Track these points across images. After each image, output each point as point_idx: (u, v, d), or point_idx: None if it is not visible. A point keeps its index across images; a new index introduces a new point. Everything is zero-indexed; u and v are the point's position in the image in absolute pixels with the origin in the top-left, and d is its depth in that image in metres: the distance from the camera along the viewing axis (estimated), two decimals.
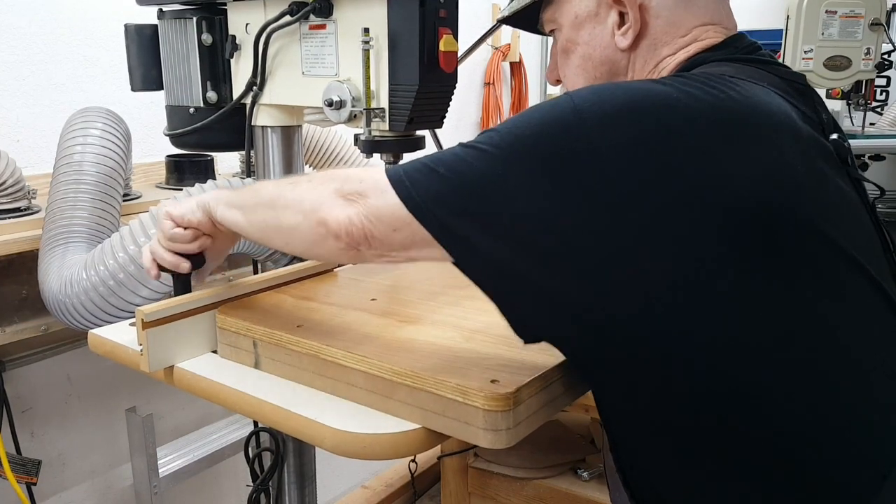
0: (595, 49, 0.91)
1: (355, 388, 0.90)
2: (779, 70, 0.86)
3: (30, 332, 1.55)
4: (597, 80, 0.93)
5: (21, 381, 1.74)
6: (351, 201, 0.79)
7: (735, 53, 0.86)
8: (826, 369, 0.74)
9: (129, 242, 1.27)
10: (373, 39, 1.11)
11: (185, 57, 1.34)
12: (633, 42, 0.88)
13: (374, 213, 0.77)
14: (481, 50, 2.89)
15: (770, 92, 0.79)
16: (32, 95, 1.78)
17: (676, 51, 0.88)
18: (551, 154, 0.70)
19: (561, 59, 0.97)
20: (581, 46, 0.93)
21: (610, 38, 0.90)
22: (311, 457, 1.40)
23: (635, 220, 0.68)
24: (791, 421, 0.73)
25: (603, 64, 0.91)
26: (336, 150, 2.08)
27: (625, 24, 0.88)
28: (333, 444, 0.84)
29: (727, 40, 0.88)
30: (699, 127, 0.70)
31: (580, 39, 0.92)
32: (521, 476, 1.44)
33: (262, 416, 0.93)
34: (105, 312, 1.31)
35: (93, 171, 1.44)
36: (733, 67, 0.82)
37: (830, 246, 0.75)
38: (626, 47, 0.89)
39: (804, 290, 0.73)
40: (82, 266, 1.30)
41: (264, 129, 1.34)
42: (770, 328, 0.71)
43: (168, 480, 1.76)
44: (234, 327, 1.02)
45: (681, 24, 0.88)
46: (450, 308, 1.08)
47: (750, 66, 0.84)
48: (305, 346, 0.94)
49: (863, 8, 2.51)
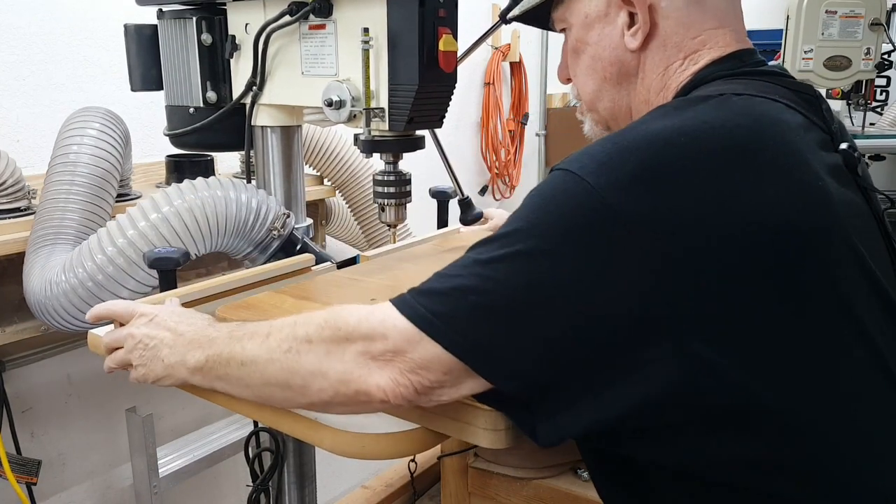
0: (605, 50, 0.91)
1: None
2: (787, 81, 0.85)
3: (30, 332, 1.55)
4: (606, 81, 0.92)
5: (21, 381, 1.74)
6: (386, 362, 0.72)
7: (741, 67, 0.86)
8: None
9: (107, 244, 1.27)
10: (372, 39, 1.11)
11: (184, 57, 1.34)
12: (642, 43, 0.88)
13: (418, 366, 0.71)
14: (481, 50, 2.88)
15: (782, 107, 0.78)
16: (32, 95, 1.78)
17: (688, 55, 0.87)
18: (589, 244, 0.68)
19: (571, 59, 0.96)
20: (591, 47, 0.92)
21: (619, 38, 0.89)
22: (311, 457, 1.40)
23: (693, 280, 0.67)
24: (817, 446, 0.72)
25: (612, 64, 0.91)
26: (336, 150, 2.08)
27: (634, 24, 0.88)
28: (333, 444, 0.84)
29: (735, 53, 0.87)
30: (710, 164, 0.70)
31: (590, 39, 0.92)
32: (521, 476, 1.44)
33: (262, 416, 0.93)
34: (85, 314, 1.31)
35: (87, 172, 1.43)
36: (741, 83, 0.81)
37: (855, 259, 0.74)
38: (636, 48, 0.88)
39: (837, 321, 0.72)
40: (62, 268, 1.30)
41: (264, 129, 1.34)
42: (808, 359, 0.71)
43: (168, 480, 1.76)
44: None
45: (691, 26, 0.87)
46: None
47: (758, 79, 0.83)
48: None
49: (863, 8, 2.51)
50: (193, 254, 1.27)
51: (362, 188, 2.15)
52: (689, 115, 0.75)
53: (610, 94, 0.93)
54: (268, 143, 1.35)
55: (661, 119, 0.75)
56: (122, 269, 1.26)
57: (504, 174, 3.47)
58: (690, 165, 0.70)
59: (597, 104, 0.95)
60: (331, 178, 2.13)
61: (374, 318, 0.74)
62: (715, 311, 0.67)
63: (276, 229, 1.31)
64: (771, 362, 0.69)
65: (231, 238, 1.29)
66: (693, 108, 0.76)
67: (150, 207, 1.25)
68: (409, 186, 1.24)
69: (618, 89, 0.92)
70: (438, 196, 1.58)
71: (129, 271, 1.26)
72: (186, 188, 1.27)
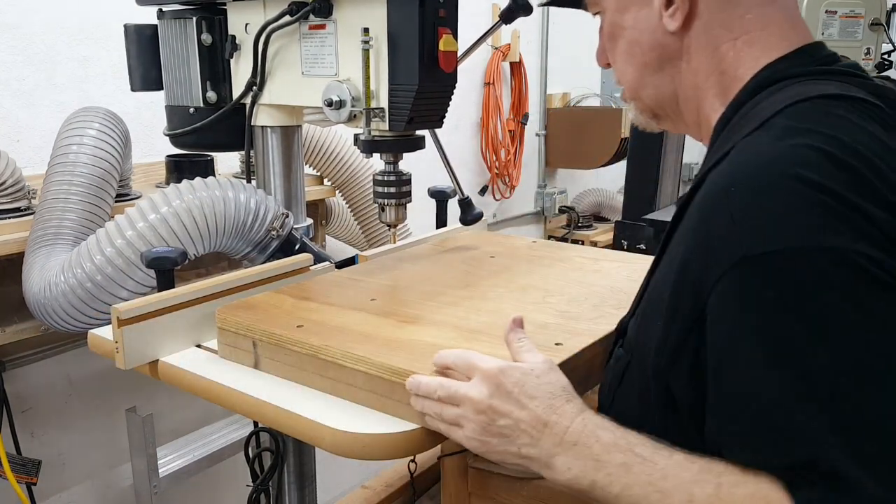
0: (642, 34, 0.84)
1: (355, 388, 0.90)
2: (866, 84, 0.77)
3: (30, 332, 1.55)
4: (647, 67, 0.86)
5: (21, 381, 1.74)
6: None
7: (812, 65, 0.79)
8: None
9: (105, 245, 1.27)
10: (372, 39, 1.10)
11: (184, 57, 1.34)
12: (683, 24, 0.81)
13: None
14: (481, 50, 2.89)
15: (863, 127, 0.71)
16: (32, 95, 1.78)
17: (739, 35, 0.80)
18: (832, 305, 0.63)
19: (608, 44, 0.90)
20: (627, 31, 0.86)
21: (657, 20, 0.82)
22: (311, 457, 1.40)
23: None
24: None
25: (653, 49, 0.84)
26: (336, 150, 2.08)
27: (672, 4, 0.81)
28: (333, 444, 0.84)
29: (804, 48, 0.80)
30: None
31: (625, 23, 0.86)
32: (521, 476, 1.44)
33: (262, 416, 0.93)
34: (84, 314, 1.31)
35: (86, 172, 1.44)
36: (831, 84, 0.75)
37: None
38: (676, 30, 0.81)
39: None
40: (60, 269, 1.30)
41: (264, 129, 1.34)
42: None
43: (168, 480, 1.76)
44: (234, 327, 1.02)
45: (738, 3, 0.80)
46: (450, 308, 1.08)
47: (834, 79, 0.77)
48: (305, 347, 0.94)
49: (863, 8, 2.51)
50: (192, 254, 1.27)
51: (362, 188, 2.15)
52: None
53: (653, 80, 0.87)
54: (268, 143, 1.35)
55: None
56: (121, 269, 1.26)
57: (504, 174, 3.47)
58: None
59: (640, 92, 0.89)
60: (331, 178, 2.13)
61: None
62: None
63: (275, 229, 1.31)
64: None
65: (230, 238, 1.29)
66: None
67: (149, 208, 1.25)
68: (409, 186, 1.24)
69: (660, 75, 0.86)
70: (437, 196, 1.58)
71: (128, 272, 1.26)
72: (185, 189, 1.27)
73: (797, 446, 0.63)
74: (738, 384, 0.66)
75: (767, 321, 0.64)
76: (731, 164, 0.71)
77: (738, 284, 0.65)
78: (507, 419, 0.76)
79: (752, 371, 0.65)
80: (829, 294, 0.63)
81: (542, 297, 1.14)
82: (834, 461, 0.61)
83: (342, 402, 0.90)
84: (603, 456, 0.72)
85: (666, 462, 0.70)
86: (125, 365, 1.01)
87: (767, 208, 0.65)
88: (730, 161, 0.71)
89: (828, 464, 0.61)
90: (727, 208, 0.67)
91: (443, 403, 0.80)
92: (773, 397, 0.64)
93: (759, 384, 0.65)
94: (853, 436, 0.61)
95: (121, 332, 0.99)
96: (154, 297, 1.04)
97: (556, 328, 1.01)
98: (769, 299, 0.64)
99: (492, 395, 0.77)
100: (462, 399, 0.78)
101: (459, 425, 0.79)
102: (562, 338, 0.96)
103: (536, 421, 0.75)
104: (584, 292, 1.16)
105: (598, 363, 0.97)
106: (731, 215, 0.67)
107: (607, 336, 0.98)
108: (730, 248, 0.66)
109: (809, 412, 0.62)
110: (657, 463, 0.70)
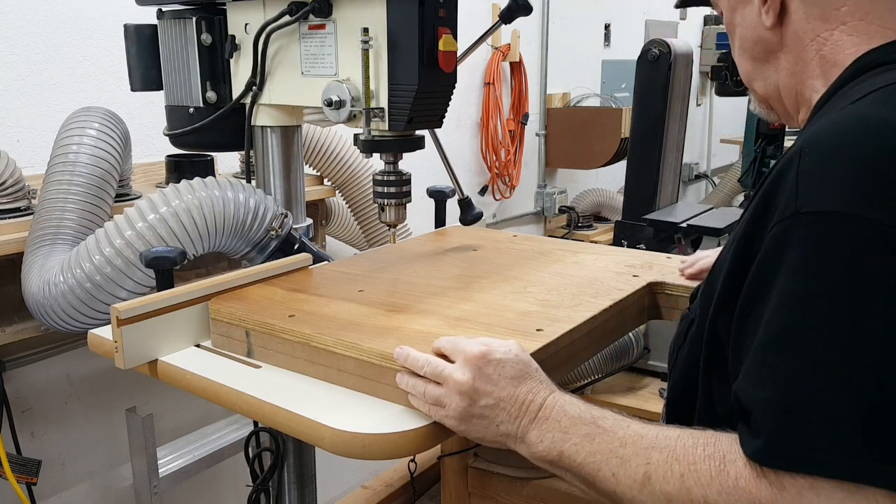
0: (747, 30, 0.92)
1: (346, 374, 0.92)
2: None
3: (30, 332, 1.55)
4: (756, 60, 0.93)
5: (21, 381, 1.74)
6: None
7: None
8: None
9: (104, 245, 1.27)
10: (372, 39, 1.10)
11: (184, 57, 1.34)
12: (777, 19, 0.88)
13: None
14: (481, 50, 2.89)
15: None
16: (32, 95, 1.78)
17: (836, 26, 0.85)
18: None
19: (730, 40, 0.99)
20: (738, 28, 0.94)
21: (757, 17, 0.90)
22: (311, 457, 1.40)
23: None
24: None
25: (757, 44, 0.92)
26: (336, 150, 2.08)
27: (766, 2, 0.88)
28: (333, 444, 0.84)
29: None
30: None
31: (736, 21, 0.94)
32: (521, 476, 1.44)
33: (262, 415, 0.93)
34: (84, 314, 1.31)
35: (86, 172, 1.43)
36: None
37: None
38: (771, 25, 0.88)
39: None
40: (60, 269, 1.30)
41: (264, 129, 1.34)
42: None
43: (168, 480, 1.76)
44: (227, 318, 1.04)
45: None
46: (435, 298, 1.11)
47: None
48: (297, 335, 0.96)
49: None
50: (191, 254, 1.27)
51: (362, 188, 2.15)
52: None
53: (761, 73, 0.94)
54: (267, 143, 1.35)
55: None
56: (121, 269, 1.26)
57: (504, 174, 3.47)
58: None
59: (753, 83, 0.96)
60: (331, 178, 2.13)
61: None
62: None
63: (275, 229, 1.31)
64: None
65: (229, 238, 1.29)
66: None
67: (148, 208, 1.25)
68: (408, 186, 1.24)
69: (766, 67, 0.93)
70: (436, 195, 1.58)
71: (128, 272, 1.26)
72: (184, 188, 1.27)
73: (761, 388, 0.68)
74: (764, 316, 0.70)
75: (800, 269, 0.68)
76: (813, 129, 0.75)
77: (786, 233, 0.70)
78: (488, 398, 0.82)
79: (768, 308, 0.69)
80: (860, 264, 0.65)
81: (523, 286, 1.18)
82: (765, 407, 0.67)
83: (342, 401, 0.90)
84: (570, 428, 0.79)
85: (625, 432, 0.77)
86: (125, 365, 1.01)
87: (831, 171, 0.69)
88: (813, 127, 0.76)
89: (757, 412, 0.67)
90: (797, 166, 0.71)
91: (427, 381, 0.85)
92: (774, 333, 0.68)
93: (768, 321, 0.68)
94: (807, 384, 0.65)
95: (120, 331, 0.99)
96: (153, 296, 1.04)
97: (537, 315, 1.05)
98: (805, 259, 0.68)
99: (475, 377, 0.82)
100: (446, 378, 0.84)
101: (441, 405, 0.84)
102: (542, 324, 1.01)
103: (514, 400, 0.82)
104: (563, 283, 1.21)
105: (577, 347, 1.03)
106: (798, 173, 0.71)
107: (585, 322, 1.04)
108: (787, 202, 0.70)
109: (786, 356, 0.67)
110: (617, 433, 0.77)
